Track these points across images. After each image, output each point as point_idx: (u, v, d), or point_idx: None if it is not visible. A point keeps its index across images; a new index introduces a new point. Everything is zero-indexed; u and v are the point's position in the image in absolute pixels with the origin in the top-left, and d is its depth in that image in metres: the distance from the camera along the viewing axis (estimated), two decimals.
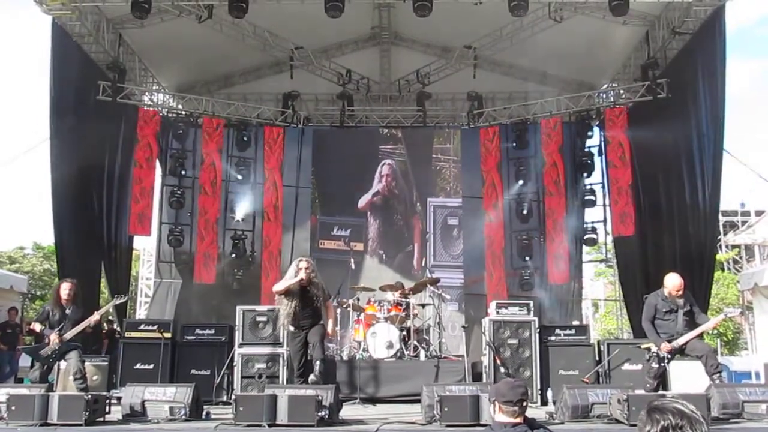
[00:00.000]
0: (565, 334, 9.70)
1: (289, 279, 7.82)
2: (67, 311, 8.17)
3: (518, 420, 3.69)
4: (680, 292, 7.63)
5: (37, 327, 8.14)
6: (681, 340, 7.48)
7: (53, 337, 7.91)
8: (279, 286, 7.95)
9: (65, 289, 8.24)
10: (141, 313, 17.98)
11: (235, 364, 9.14)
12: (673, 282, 7.67)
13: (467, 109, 15.48)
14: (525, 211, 14.76)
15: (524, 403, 3.71)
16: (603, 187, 14.80)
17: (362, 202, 15.08)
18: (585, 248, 15.68)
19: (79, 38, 12.61)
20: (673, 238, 12.68)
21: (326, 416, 6.54)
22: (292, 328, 8.09)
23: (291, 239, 14.76)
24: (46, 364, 8.06)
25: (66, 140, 11.86)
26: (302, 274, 7.74)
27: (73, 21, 12.20)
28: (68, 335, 8.01)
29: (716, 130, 11.41)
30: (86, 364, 9.49)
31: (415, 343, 10.26)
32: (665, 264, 12.02)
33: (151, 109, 14.75)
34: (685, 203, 12.29)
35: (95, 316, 8.38)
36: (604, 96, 15.39)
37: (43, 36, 12.17)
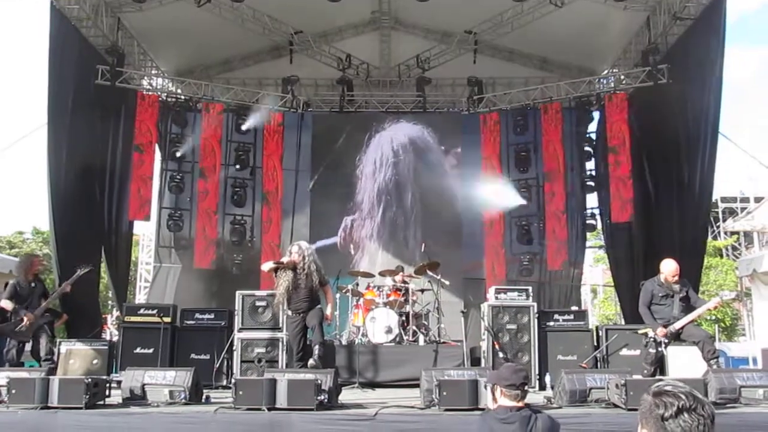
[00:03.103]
0: (563, 320, 9.73)
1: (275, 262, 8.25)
2: (33, 285, 8.29)
3: (521, 404, 3.72)
4: (676, 278, 7.70)
5: (8, 305, 8.19)
6: (677, 325, 7.54)
7: (28, 317, 8.00)
8: (265, 266, 8.36)
9: (38, 264, 8.40)
10: (141, 298, 18.05)
11: (234, 348, 9.18)
12: (668, 267, 7.73)
13: (467, 95, 15.42)
14: (525, 197, 14.77)
15: (526, 387, 3.76)
16: (602, 172, 14.78)
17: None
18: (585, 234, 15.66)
19: (78, 22, 12.52)
20: (668, 223, 12.70)
21: (325, 400, 6.58)
22: (290, 312, 8.14)
23: (290, 224, 14.77)
24: (22, 341, 8.17)
25: (64, 125, 11.81)
26: (285, 258, 8.16)
27: (72, 4, 12.12)
28: (39, 311, 8.19)
29: (714, 116, 11.41)
30: (87, 348, 9.58)
31: (414, 328, 10.29)
32: (658, 250, 12.05)
33: (150, 93, 14.70)
34: (681, 189, 12.30)
35: (66, 287, 8.49)
36: (605, 82, 15.35)
37: (42, 20, 12.06)
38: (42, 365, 8.03)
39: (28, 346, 8.66)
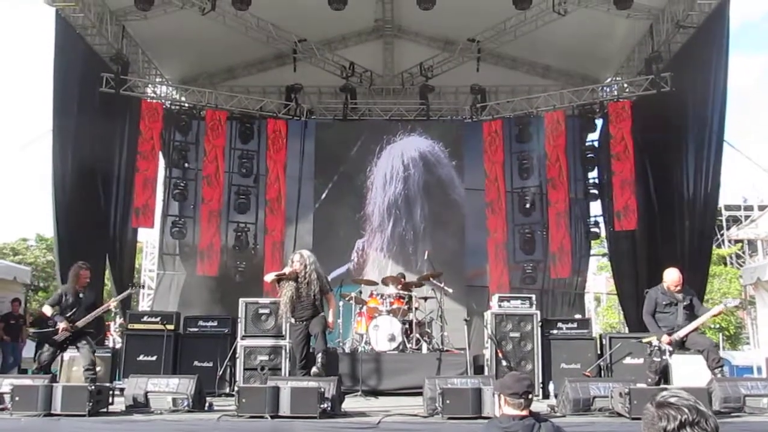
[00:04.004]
0: (567, 328, 9.71)
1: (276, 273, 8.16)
2: (81, 295, 8.18)
3: (524, 413, 3.71)
4: (678, 287, 7.69)
5: (48, 311, 8.12)
6: (681, 333, 7.53)
7: (62, 326, 7.91)
8: (268, 277, 8.28)
9: (86, 276, 8.27)
10: (144, 305, 18.02)
11: (237, 356, 9.17)
12: (671, 276, 7.74)
13: (470, 103, 15.45)
14: (528, 205, 14.77)
15: (530, 396, 3.74)
16: (606, 180, 14.77)
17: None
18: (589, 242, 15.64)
19: (83, 30, 12.60)
20: (672, 231, 12.68)
21: (328, 408, 6.57)
22: (292, 320, 8.14)
23: (294, 232, 14.78)
24: (60, 350, 8.08)
25: (69, 132, 11.87)
26: (287, 269, 8.11)
27: (77, 13, 12.20)
28: (81, 322, 8.02)
29: (719, 124, 11.40)
30: None
31: (417, 335, 10.28)
32: (662, 258, 12.03)
33: (154, 101, 14.75)
34: (686, 197, 12.28)
35: (111, 304, 8.46)
36: (608, 90, 15.36)
37: (47, 28, 12.12)
38: (83, 375, 7.97)
39: (67, 355, 8.64)
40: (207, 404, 7.43)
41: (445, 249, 14.43)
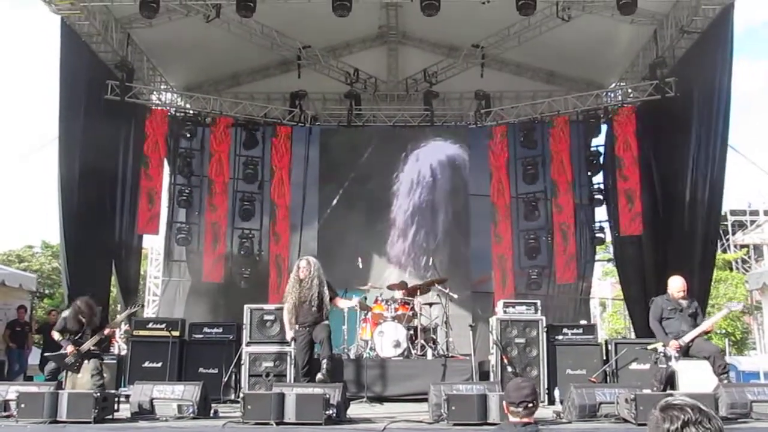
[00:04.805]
0: (572, 334, 9.70)
1: (287, 316, 8.20)
2: (83, 320, 8.22)
3: (526, 420, 3.69)
4: (681, 294, 7.79)
5: (56, 336, 8.23)
6: (687, 337, 7.55)
7: (69, 349, 7.95)
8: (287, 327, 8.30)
9: (84, 314, 8.27)
10: (149, 312, 18.05)
11: (242, 362, 9.18)
12: (675, 284, 7.86)
13: (475, 108, 15.44)
14: (533, 211, 14.76)
15: (529, 405, 3.70)
16: (611, 186, 14.75)
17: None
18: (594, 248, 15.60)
19: (88, 38, 12.64)
20: (677, 236, 12.65)
21: (334, 415, 6.58)
22: (296, 326, 8.13)
23: (298, 238, 14.79)
24: (71, 371, 8.12)
25: (75, 139, 11.90)
26: (287, 321, 8.18)
27: (82, 21, 12.23)
28: (85, 346, 8.03)
29: (723, 129, 11.39)
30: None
31: (422, 342, 10.27)
32: (667, 263, 11.99)
33: (159, 108, 14.80)
34: (690, 201, 12.25)
35: (112, 327, 8.48)
36: (612, 95, 15.34)
37: (52, 35, 12.17)
38: (91, 380, 8.01)
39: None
40: (212, 411, 7.43)
41: (450, 255, 14.41)
